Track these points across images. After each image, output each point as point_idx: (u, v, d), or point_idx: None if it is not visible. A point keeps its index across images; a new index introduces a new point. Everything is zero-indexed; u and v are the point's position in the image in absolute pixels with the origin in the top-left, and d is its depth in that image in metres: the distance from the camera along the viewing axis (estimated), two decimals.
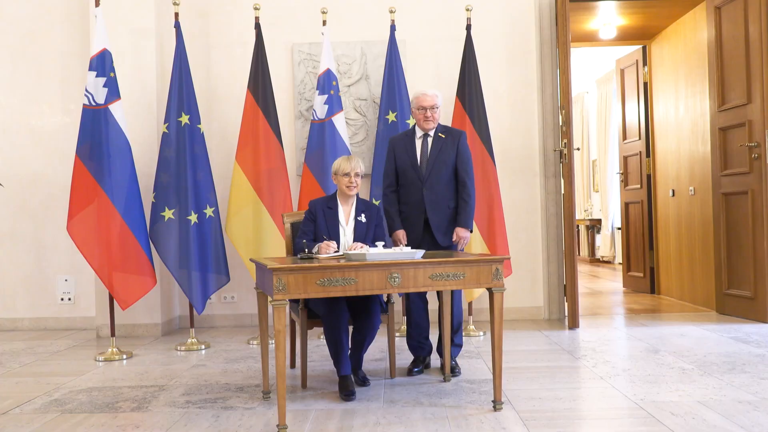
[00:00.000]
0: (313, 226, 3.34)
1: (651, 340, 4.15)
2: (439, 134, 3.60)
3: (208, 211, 4.38)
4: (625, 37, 6.32)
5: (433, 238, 3.53)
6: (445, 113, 4.69)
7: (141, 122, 4.77)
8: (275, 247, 4.42)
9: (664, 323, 4.76)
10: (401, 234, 3.52)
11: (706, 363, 3.49)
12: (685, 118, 5.66)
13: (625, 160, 6.66)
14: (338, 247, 3.24)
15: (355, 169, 3.23)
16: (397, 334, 4.49)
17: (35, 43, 5.11)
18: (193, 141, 4.38)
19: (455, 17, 5.00)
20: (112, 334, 4.16)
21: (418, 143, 3.61)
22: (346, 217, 3.36)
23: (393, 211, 3.57)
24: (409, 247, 3.01)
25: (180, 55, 4.43)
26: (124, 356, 4.05)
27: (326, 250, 3.06)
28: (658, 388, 3.00)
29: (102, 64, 4.14)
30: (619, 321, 4.96)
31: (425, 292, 3.62)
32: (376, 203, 4.38)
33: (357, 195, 3.36)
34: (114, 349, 4.08)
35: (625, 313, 5.31)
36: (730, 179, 4.88)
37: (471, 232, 3.53)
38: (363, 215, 3.36)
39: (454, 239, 3.50)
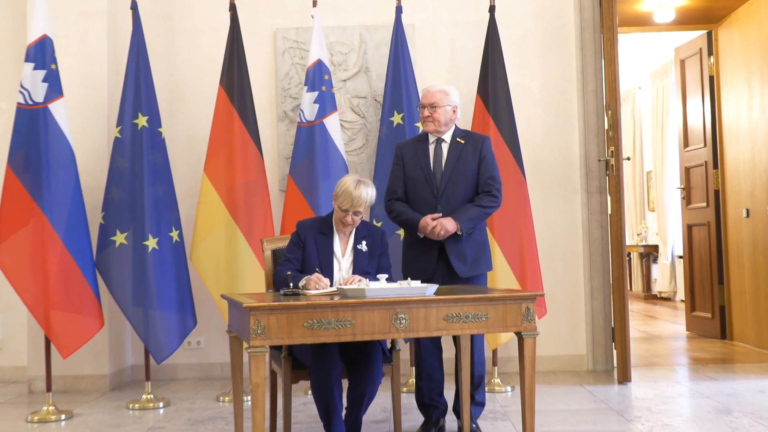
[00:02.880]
0: (301, 253, 3.34)
1: (721, 398, 4.13)
2: (458, 139, 3.62)
3: (173, 235, 4.39)
4: (686, 20, 6.36)
5: (449, 269, 3.53)
6: (464, 114, 4.71)
7: (88, 125, 4.80)
8: (252, 280, 4.42)
9: (738, 376, 4.74)
10: (428, 219, 3.46)
11: None
12: (761, 120, 5.68)
13: (687, 171, 6.67)
14: (331, 284, 3.24)
15: (356, 207, 3.25)
16: (403, 390, 4.47)
17: None
18: (153, 148, 4.40)
19: None
20: (48, 389, 4.14)
21: (431, 150, 3.64)
22: (343, 248, 3.37)
23: (404, 209, 3.56)
24: (419, 281, 3.01)
25: (137, 42, 4.47)
26: (63, 416, 4.03)
27: (316, 284, 3.06)
28: None
29: (41, 53, 4.18)
30: (681, 373, 4.94)
31: (439, 338, 3.62)
32: (379, 225, 4.39)
33: None
34: (50, 408, 4.06)
35: (688, 364, 5.28)
36: None
37: (459, 234, 3.49)
38: (364, 243, 3.36)
39: (433, 227, 3.45)
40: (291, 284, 3.04)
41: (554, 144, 5.10)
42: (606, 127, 4.88)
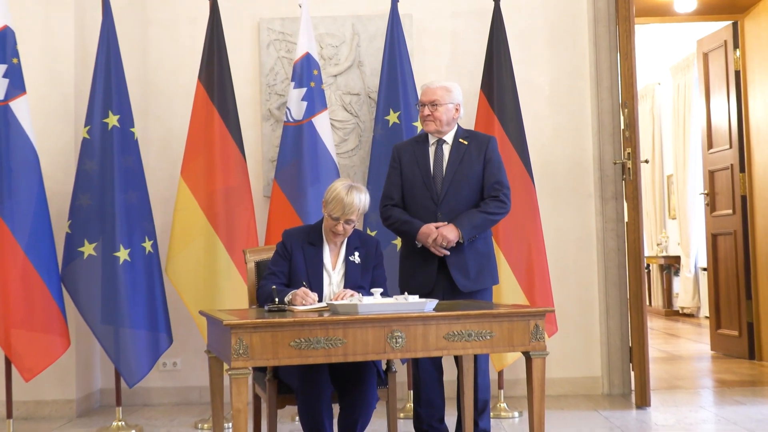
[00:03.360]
0: (287, 266, 3.35)
1: (750, 424, 4.13)
2: (460, 140, 3.64)
3: (146, 246, 4.39)
4: (709, 10, 6.39)
5: (450, 282, 3.54)
6: (467, 113, 4.72)
7: (53, 124, 4.80)
8: (234, 295, 4.42)
9: None
10: (432, 227, 3.49)
11: None
12: None
13: (711, 175, 6.69)
14: (321, 299, 3.24)
15: (348, 214, 3.26)
16: (400, 416, 4.47)
17: None
18: (124, 150, 4.41)
19: None
20: (9, 416, 4.14)
21: (431, 152, 3.64)
22: (334, 259, 3.38)
23: (401, 216, 3.58)
24: (417, 296, 3.02)
25: (108, 34, 4.47)
26: None
27: (302, 300, 3.06)
28: None
29: (2, 46, 4.18)
30: (705, 397, 4.94)
31: (439, 358, 3.62)
32: (373, 234, 4.39)
33: None
34: None
35: (713, 386, 5.29)
36: None
37: (461, 243, 3.51)
38: (357, 254, 3.37)
39: (435, 237, 3.47)
40: (276, 299, 3.04)
41: (565, 145, 5.11)
42: (622, 127, 4.89)
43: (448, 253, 3.50)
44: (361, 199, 3.28)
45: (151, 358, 4.39)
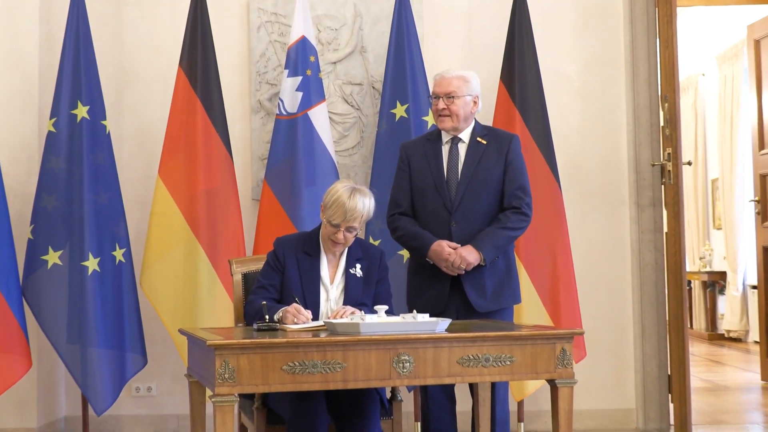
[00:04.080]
0: (279, 279, 3.35)
1: None
2: (478, 139, 3.64)
3: (117, 255, 4.40)
4: None
5: (465, 301, 3.54)
6: (485, 106, 4.72)
7: (14, 116, 4.80)
8: (218, 311, 4.43)
9: None
10: (444, 243, 3.50)
11: None
12: None
13: (762, 180, 6.68)
14: (317, 317, 3.25)
15: (350, 221, 3.26)
16: None
17: None
18: (95, 145, 4.42)
19: None
20: None
21: (445, 152, 3.65)
22: (332, 272, 3.38)
23: (411, 228, 3.59)
24: (427, 315, 3.02)
25: (77, 14, 4.49)
26: None
27: (294, 318, 3.06)
28: None
29: None
30: None
31: (451, 386, 3.62)
32: (377, 243, 4.40)
33: None
34: None
35: (764, 422, 5.29)
36: None
37: (483, 265, 3.53)
38: (358, 266, 3.38)
39: (454, 260, 3.47)
40: (267, 317, 3.04)
41: (596, 144, 5.11)
42: (662, 124, 4.90)
43: (463, 272, 3.51)
44: (365, 203, 3.28)
45: (121, 381, 4.40)
